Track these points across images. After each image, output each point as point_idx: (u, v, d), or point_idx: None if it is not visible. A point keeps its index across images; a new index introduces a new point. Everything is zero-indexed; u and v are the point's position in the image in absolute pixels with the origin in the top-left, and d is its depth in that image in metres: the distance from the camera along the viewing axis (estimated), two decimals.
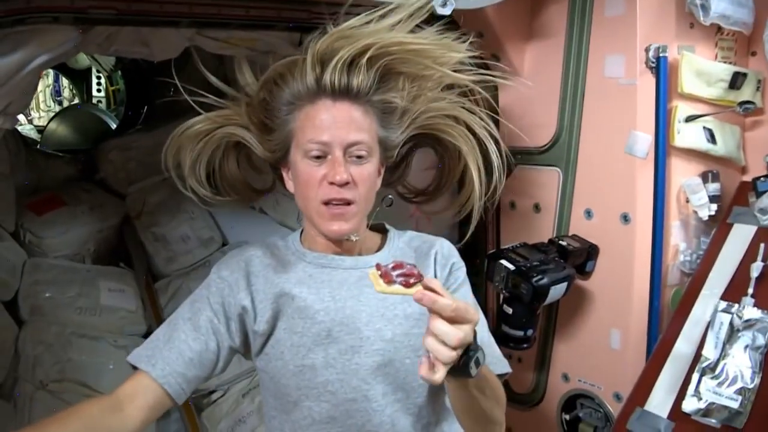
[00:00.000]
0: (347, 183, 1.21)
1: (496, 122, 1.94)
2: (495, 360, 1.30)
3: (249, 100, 1.35)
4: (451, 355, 0.96)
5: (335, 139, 1.21)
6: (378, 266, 1.03)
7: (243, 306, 1.27)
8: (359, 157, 1.23)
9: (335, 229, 1.23)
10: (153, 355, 1.23)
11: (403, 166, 1.49)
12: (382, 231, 1.42)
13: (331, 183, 1.20)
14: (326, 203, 1.22)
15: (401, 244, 1.38)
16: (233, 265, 1.31)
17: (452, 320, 0.97)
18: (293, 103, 1.26)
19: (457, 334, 0.96)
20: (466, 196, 1.43)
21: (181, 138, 1.36)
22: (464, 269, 1.36)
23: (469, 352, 1.04)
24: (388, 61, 1.25)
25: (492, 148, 1.39)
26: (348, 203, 1.22)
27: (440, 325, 0.97)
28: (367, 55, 1.22)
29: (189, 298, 1.32)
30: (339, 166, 1.20)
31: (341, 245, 1.31)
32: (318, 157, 1.22)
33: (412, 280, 1.00)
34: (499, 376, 1.30)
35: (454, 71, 1.34)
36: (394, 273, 1.01)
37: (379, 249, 1.37)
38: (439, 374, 0.97)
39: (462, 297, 1.31)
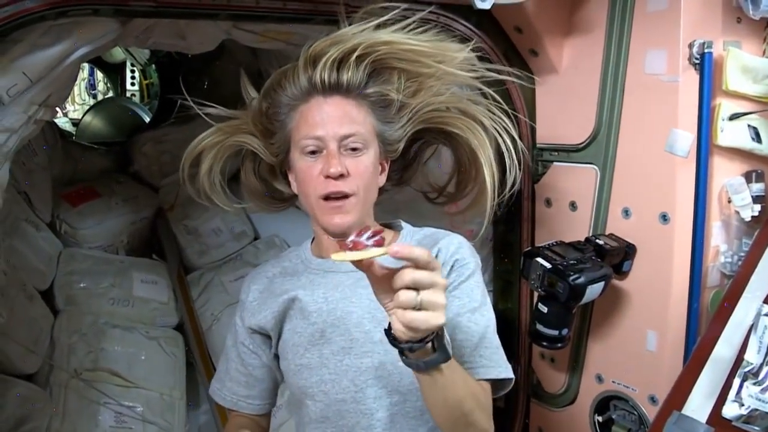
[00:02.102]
0: (342, 175, 1.22)
1: (515, 117, 1.93)
2: (492, 364, 1.26)
3: (252, 110, 1.40)
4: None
5: (328, 133, 1.23)
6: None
7: (256, 322, 1.37)
8: (354, 149, 1.24)
9: (337, 222, 1.24)
10: (221, 387, 1.45)
11: (416, 164, 1.49)
12: (397, 230, 1.42)
13: (327, 176, 1.22)
14: (325, 198, 1.24)
15: (413, 242, 1.37)
16: (246, 288, 1.43)
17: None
18: (289, 105, 1.30)
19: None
20: (480, 193, 1.43)
21: (196, 150, 1.41)
22: (471, 266, 1.31)
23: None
24: (378, 57, 1.27)
25: (502, 141, 1.38)
26: (346, 196, 1.23)
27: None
28: (356, 53, 1.25)
29: (232, 323, 1.46)
30: (333, 159, 1.22)
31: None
32: (314, 153, 1.25)
33: (372, 241, 0.96)
34: (500, 381, 1.27)
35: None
36: (360, 238, 0.97)
37: None
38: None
39: (464, 294, 1.28)
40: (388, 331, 1.02)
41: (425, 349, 1.01)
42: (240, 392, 1.42)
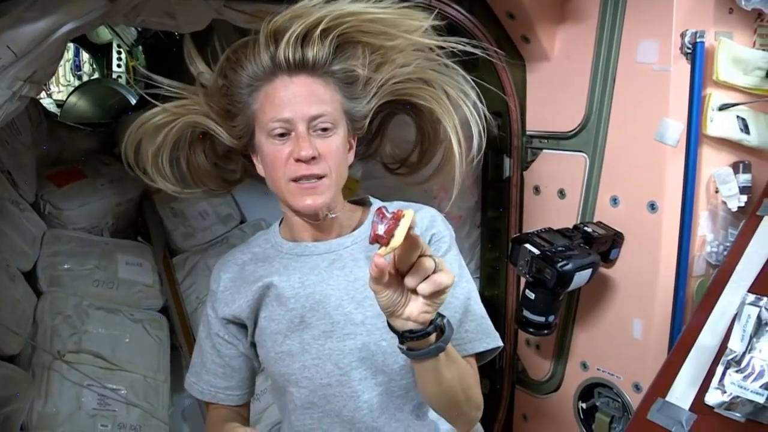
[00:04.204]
0: (314, 158, 1.18)
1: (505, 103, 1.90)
2: (479, 336, 1.27)
3: (206, 90, 1.32)
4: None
5: (296, 114, 1.18)
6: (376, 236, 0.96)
7: (230, 312, 1.33)
8: (324, 129, 1.20)
9: (309, 203, 1.20)
10: (198, 380, 1.41)
11: (380, 137, 1.45)
12: (367, 205, 1.39)
13: (298, 160, 1.18)
14: (296, 180, 1.20)
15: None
16: (216, 275, 1.38)
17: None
18: (251, 85, 1.23)
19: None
20: (446, 161, 1.39)
21: (139, 132, 1.33)
22: (447, 239, 1.30)
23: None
24: (344, 31, 1.21)
25: (467, 108, 1.34)
26: (319, 178, 1.19)
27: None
28: (320, 27, 1.18)
29: (204, 314, 1.42)
30: (303, 141, 1.17)
31: (319, 227, 1.29)
32: (282, 135, 1.19)
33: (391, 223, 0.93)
34: (489, 351, 1.28)
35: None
36: (384, 226, 0.94)
37: (357, 227, 1.33)
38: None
39: None
40: (401, 333, 1.02)
41: (440, 329, 1.04)
42: (219, 384, 1.39)
